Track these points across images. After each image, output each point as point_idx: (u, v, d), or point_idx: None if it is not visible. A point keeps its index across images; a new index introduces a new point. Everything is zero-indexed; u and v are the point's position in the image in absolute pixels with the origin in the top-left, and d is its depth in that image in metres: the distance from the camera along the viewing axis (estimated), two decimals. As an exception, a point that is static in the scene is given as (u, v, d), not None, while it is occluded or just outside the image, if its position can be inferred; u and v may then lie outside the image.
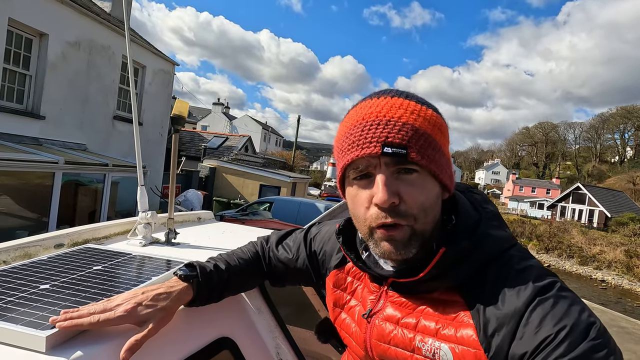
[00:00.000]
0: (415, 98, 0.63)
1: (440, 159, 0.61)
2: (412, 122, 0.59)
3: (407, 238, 0.59)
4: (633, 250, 19.63)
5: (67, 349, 0.59)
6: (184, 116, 1.24)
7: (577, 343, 0.49)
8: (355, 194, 0.63)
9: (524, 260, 0.60)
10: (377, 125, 0.59)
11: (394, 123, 0.59)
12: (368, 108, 0.62)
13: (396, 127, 0.58)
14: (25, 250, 0.97)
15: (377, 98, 0.63)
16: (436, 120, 0.62)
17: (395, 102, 0.61)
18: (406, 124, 0.59)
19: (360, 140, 0.59)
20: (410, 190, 0.59)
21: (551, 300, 0.54)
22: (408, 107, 0.60)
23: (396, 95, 0.62)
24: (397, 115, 0.59)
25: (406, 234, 0.59)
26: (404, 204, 0.58)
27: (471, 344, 0.56)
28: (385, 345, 0.65)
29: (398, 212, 0.58)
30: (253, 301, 0.94)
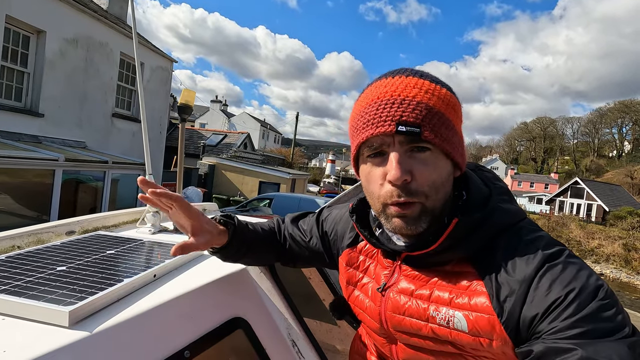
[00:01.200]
0: (429, 77, 0.64)
1: (452, 138, 0.62)
2: (427, 101, 0.60)
3: (418, 214, 0.61)
4: (631, 243, 19.75)
5: (89, 323, 0.60)
6: (191, 105, 1.25)
7: (586, 303, 0.51)
8: (369, 171, 0.64)
9: (534, 232, 0.62)
10: (391, 104, 0.60)
11: (408, 102, 0.59)
12: (383, 87, 0.62)
13: (410, 105, 0.59)
14: (38, 236, 0.99)
15: (392, 77, 0.63)
16: (450, 99, 0.63)
17: (410, 81, 0.62)
18: (420, 103, 0.59)
19: (375, 118, 0.61)
20: (423, 169, 0.60)
21: (560, 266, 0.55)
22: (422, 86, 0.61)
23: (411, 74, 0.63)
24: (411, 94, 0.60)
25: (416, 210, 0.61)
26: (416, 181, 0.60)
27: (484, 310, 0.58)
28: (400, 316, 0.67)
29: (409, 190, 0.60)
30: (264, 283, 0.96)
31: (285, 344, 0.90)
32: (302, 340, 0.95)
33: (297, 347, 0.91)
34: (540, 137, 73.14)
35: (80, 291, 0.66)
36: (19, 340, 0.55)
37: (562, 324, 0.51)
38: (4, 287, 0.65)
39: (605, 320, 0.50)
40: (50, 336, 0.56)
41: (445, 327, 0.61)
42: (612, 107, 66.92)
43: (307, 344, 0.96)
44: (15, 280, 0.69)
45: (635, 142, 64.83)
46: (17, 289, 0.65)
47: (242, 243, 0.83)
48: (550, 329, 0.51)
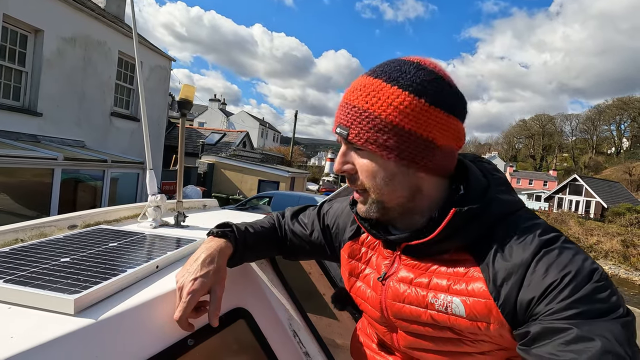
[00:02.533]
0: (385, 75, 0.63)
1: (388, 140, 0.62)
2: (362, 104, 0.64)
3: (367, 202, 0.69)
4: (629, 239, 19.83)
5: (94, 311, 0.61)
6: (191, 100, 1.26)
7: (582, 285, 0.53)
8: None
9: (531, 220, 0.63)
10: (340, 106, 0.69)
11: (347, 105, 0.66)
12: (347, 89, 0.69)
13: (347, 108, 0.66)
14: (40, 230, 0.99)
15: (361, 76, 0.69)
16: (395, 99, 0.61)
17: (361, 83, 0.66)
18: (355, 107, 0.65)
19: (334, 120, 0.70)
20: (360, 165, 0.67)
21: (556, 251, 0.57)
22: (368, 87, 0.64)
23: (372, 74, 0.67)
24: (352, 97, 0.66)
25: (366, 198, 0.69)
26: (358, 175, 0.68)
27: (481, 294, 0.59)
28: (400, 304, 0.69)
29: (354, 180, 0.69)
30: (266, 274, 0.97)
31: (286, 334, 0.91)
32: (303, 331, 0.96)
33: (299, 338, 0.93)
34: (538, 134, 73.25)
35: (85, 281, 0.67)
36: (26, 327, 0.56)
37: (558, 306, 0.52)
38: (9, 277, 0.66)
39: (600, 302, 0.51)
40: (56, 323, 0.57)
41: (444, 313, 0.63)
42: (611, 104, 67.04)
43: (309, 334, 0.97)
44: (20, 270, 0.70)
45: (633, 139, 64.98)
46: (23, 278, 0.66)
47: (245, 247, 0.85)
48: (547, 310, 0.53)
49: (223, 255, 0.77)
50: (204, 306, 0.72)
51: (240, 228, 0.87)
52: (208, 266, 0.73)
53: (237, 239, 0.83)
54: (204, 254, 0.75)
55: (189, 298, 0.68)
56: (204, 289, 0.71)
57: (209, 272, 0.72)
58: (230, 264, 0.82)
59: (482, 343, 0.63)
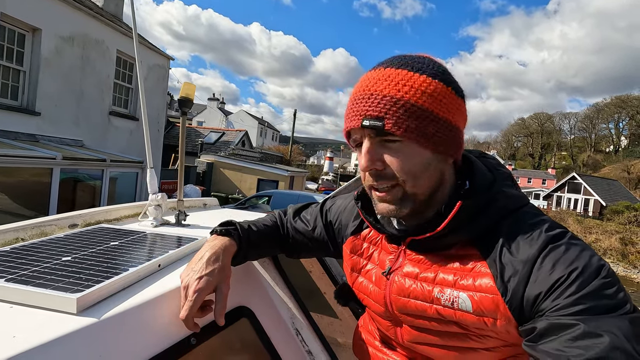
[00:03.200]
0: (409, 66, 0.64)
1: (426, 127, 0.62)
2: (394, 93, 0.62)
3: (400, 198, 0.64)
4: (628, 237, 19.90)
5: (97, 310, 0.61)
6: (191, 98, 1.25)
7: (589, 281, 0.52)
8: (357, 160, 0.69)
9: (537, 216, 0.63)
10: (360, 99, 0.64)
11: (375, 96, 0.62)
12: (361, 82, 0.66)
13: (376, 100, 0.62)
14: (41, 229, 0.99)
15: (374, 69, 0.66)
16: (428, 87, 0.62)
17: (384, 74, 0.64)
18: (386, 96, 0.62)
19: (349, 114, 0.66)
20: (394, 158, 0.63)
21: (563, 247, 0.57)
22: (395, 77, 0.63)
23: (390, 65, 0.65)
24: (379, 88, 0.63)
25: (398, 194, 0.64)
26: (390, 168, 0.63)
27: (489, 290, 0.59)
28: (405, 299, 0.68)
29: (383, 176, 0.64)
30: (268, 273, 0.97)
31: (289, 333, 0.91)
32: (305, 329, 0.95)
33: (301, 336, 0.92)
34: (537, 132, 73.35)
35: (87, 279, 0.67)
36: (29, 326, 0.55)
37: (565, 301, 0.52)
38: (10, 276, 0.66)
39: (607, 298, 0.51)
40: (58, 322, 0.56)
41: (450, 308, 0.63)
42: (609, 102, 67.13)
43: (311, 333, 0.97)
44: (21, 269, 0.69)
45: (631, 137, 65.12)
46: (24, 277, 0.66)
47: (249, 246, 0.84)
48: (554, 306, 0.52)
49: (227, 253, 0.77)
50: (209, 305, 0.71)
51: (244, 226, 0.86)
52: (213, 264, 0.72)
53: (241, 237, 0.82)
54: (208, 252, 0.74)
55: (195, 297, 0.68)
56: (209, 287, 0.70)
57: (214, 270, 0.72)
58: (234, 262, 0.82)
59: (487, 339, 0.63)
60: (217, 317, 0.71)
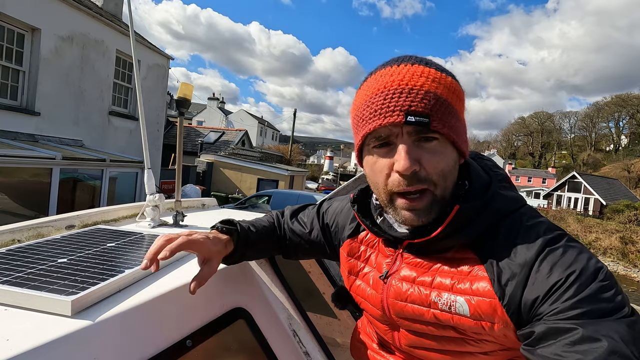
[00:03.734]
0: (434, 65, 0.64)
1: (458, 126, 0.63)
2: (434, 90, 0.60)
3: (429, 205, 0.61)
4: (628, 236, 19.90)
5: (92, 312, 0.61)
6: (189, 98, 1.25)
7: (587, 285, 0.52)
8: (375, 161, 0.64)
9: (534, 218, 0.63)
10: (399, 93, 0.59)
11: (416, 91, 0.59)
12: (389, 76, 0.61)
13: (419, 95, 0.59)
14: (38, 230, 0.99)
15: (397, 65, 0.63)
16: (455, 87, 0.63)
17: (417, 70, 0.61)
18: (429, 92, 0.59)
19: (382, 108, 0.60)
20: (431, 158, 0.60)
21: (561, 250, 0.56)
22: (429, 74, 0.61)
23: (416, 62, 0.63)
24: (419, 83, 0.59)
25: (428, 201, 0.61)
26: (424, 170, 0.60)
27: (486, 294, 0.59)
28: (402, 303, 0.68)
29: (419, 178, 0.60)
30: (265, 275, 0.97)
31: (286, 334, 0.90)
32: (302, 330, 0.95)
33: (298, 337, 0.92)
34: (537, 131, 73.31)
35: (82, 282, 0.67)
36: (23, 329, 0.55)
37: (563, 305, 0.51)
38: (5, 279, 0.66)
39: (605, 301, 0.51)
40: (53, 325, 0.56)
41: (447, 312, 0.62)
42: (609, 101, 67.07)
43: (308, 334, 0.96)
44: (16, 272, 0.69)
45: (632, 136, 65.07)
46: (19, 280, 0.66)
47: (246, 246, 0.84)
48: (552, 310, 0.52)
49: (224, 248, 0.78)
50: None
51: (243, 225, 0.86)
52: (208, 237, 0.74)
53: (240, 235, 0.82)
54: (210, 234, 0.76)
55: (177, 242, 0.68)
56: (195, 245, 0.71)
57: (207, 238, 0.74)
58: (231, 261, 0.82)
59: (485, 343, 0.63)
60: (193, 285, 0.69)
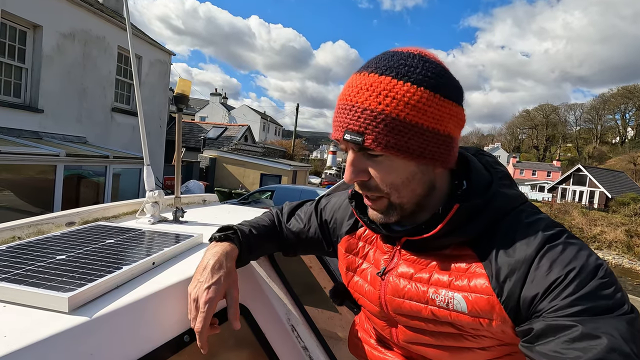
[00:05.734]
0: (394, 71, 0.59)
1: (408, 141, 0.58)
2: (374, 106, 0.58)
3: (385, 208, 0.65)
4: (634, 229, 19.77)
5: (89, 308, 0.61)
6: (187, 95, 1.25)
7: (586, 282, 0.51)
8: None
9: (534, 215, 0.62)
10: (343, 110, 0.62)
11: (355, 109, 0.60)
12: (345, 88, 0.64)
13: (357, 113, 0.60)
14: (38, 227, 1.00)
15: (359, 74, 0.63)
16: (411, 97, 0.58)
17: (367, 81, 0.60)
18: (366, 110, 0.59)
19: (334, 123, 0.64)
20: (377, 171, 0.62)
21: (560, 247, 0.56)
22: (378, 86, 0.59)
23: (375, 70, 0.61)
24: (361, 99, 0.60)
25: (383, 205, 0.65)
26: (373, 180, 0.63)
27: (484, 291, 0.58)
28: (400, 300, 0.68)
29: (369, 187, 0.64)
30: (263, 271, 0.97)
31: (284, 329, 0.91)
32: (301, 325, 0.96)
33: (297, 332, 0.92)
34: (542, 124, 72.71)
35: (80, 278, 0.67)
36: (20, 325, 0.55)
37: (563, 302, 0.51)
38: (4, 276, 0.66)
39: (604, 298, 0.50)
40: (50, 322, 0.57)
41: (445, 308, 0.62)
42: (615, 92, 66.24)
43: (307, 329, 0.97)
44: (15, 269, 0.70)
45: (638, 128, 64.34)
46: (18, 277, 0.66)
47: (249, 248, 0.84)
48: (551, 307, 0.52)
49: (230, 258, 0.76)
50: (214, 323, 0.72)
51: (243, 230, 0.85)
52: (218, 272, 0.72)
53: (241, 241, 0.82)
54: (211, 260, 0.74)
55: (207, 307, 0.68)
56: (219, 295, 0.70)
57: (221, 277, 0.71)
58: (237, 265, 0.81)
59: (483, 338, 0.63)
60: (233, 321, 0.71)
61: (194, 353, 0.73)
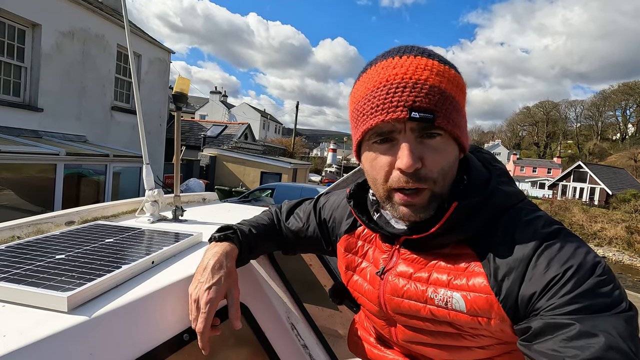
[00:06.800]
0: (437, 57, 0.61)
1: (461, 121, 0.61)
2: (439, 84, 0.57)
3: (427, 202, 0.60)
4: (634, 226, 19.76)
5: (88, 308, 0.61)
6: (186, 93, 1.24)
7: (584, 280, 0.51)
8: (375, 157, 0.62)
9: (532, 213, 0.62)
10: (403, 87, 0.56)
11: (420, 86, 0.56)
12: (392, 68, 0.59)
13: (423, 90, 0.56)
14: (37, 226, 1.00)
15: (400, 57, 0.60)
16: (459, 81, 0.61)
17: (420, 62, 0.59)
18: (433, 87, 0.57)
19: (385, 103, 0.57)
20: (433, 155, 0.59)
21: (558, 245, 0.55)
22: (433, 67, 0.59)
23: (419, 53, 0.60)
24: (423, 76, 0.57)
25: (425, 198, 0.60)
26: (425, 168, 0.58)
27: (482, 290, 0.58)
28: (399, 299, 0.68)
29: (419, 177, 0.58)
30: (263, 269, 0.97)
31: (284, 327, 0.91)
32: (301, 323, 0.96)
33: (296, 330, 0.93)
34: (543, 121, 72.59)
35: (79, 278, 0.67)
36: (19, 325, 0.55)
37: (560, 301, 0.51)
38: (3, 275, 0.66)
39: (602, 296, 0.50)
40: (49, 321, 0.57)
41: (444, 308, 0.62)
42: (616, 89, 66.07)
43: (306, 327, 0.97)
44: (14, 268, 0.70)
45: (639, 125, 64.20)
46: (17, 276, 0.66)
47: (249, 247, 0.83)
48: (549, 305, 0.52)
49: (230, 257, 0.76)
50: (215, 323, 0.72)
51: (243, 229, 0.85)
52: (218, 272, 0.72)
53: (241, 241, 0.81)
54: (211, 260, 0.73)
55: (208, 307, 0.67)
56: (220, 295, 0.70)
57: (221, 277, 0.71)
58: (237, 265, 0.80)
59: (482, 337, 0.63)
60: (234, 321, 0.71)
61: (194, 352, 0.73)
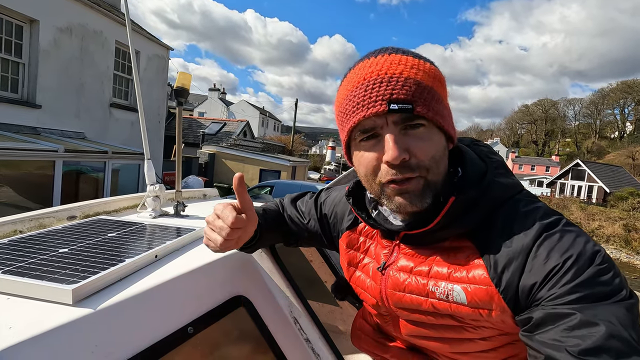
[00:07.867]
0: (412, 53, 0.63)
1: (443, 111, 0.62)
2: (414, 76, 0.59)
3: (421, 189, 0.60)
4: (631, 224, 19.84)
5: (93, 301, 0.61)
6: (187, 88, 1.24)
7: (584, 269, 0.52)
8: (362, 155, 0.63)
9: (531, 203, 0.62)
10: (379, 83, 0.58)
11: (396, 79, 0.58)
12: (368, 67, 0.61)
13: (399, 82, 0.58)
14: (39, 221, 0.99)
15: (375, 57, 0.62)
16: (435, 72, 0.63)
17: (394, 59, 0.61)
18: (409, 79, 0.58)
19: (364, 100, 0.59)
20: (420, 145, 0.59)
21: (558, 235, 0.56)
22: (407, 62, 0.61)
23: (393, 52, 0.62)
24: (398, 70, 0.59)
25: (419, 185, 0.60)
26: (415, 158, 0.59)
27: (482, 281, 0.59)
28: (400, 293, 0.68)
29: (409, 167, 0.59)
30: (265, 263, 0.97)
31: (287, 321, 0.91)
32: (303, 317, 0.96)
33: (299, 324, 0.93)
34: (541, 119, 72.72)
35: (83, 271, 0.67)
36: (24, 317, 0.56)
37: (561, 290, 0.51)
38: (7, 268, 0.66)
39: (603, 285, 0.51)
40: (54, 313, 0.57)
41: (445, 301, 0.62)
42: (615, 87, 66.21)
43: (309, 321, 0.97)
44: (18, 262, 0.70)
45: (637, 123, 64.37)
46: (21, 269, 0.66)
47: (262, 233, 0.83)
48: (549, 295, 0.52)
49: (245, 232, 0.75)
50: None
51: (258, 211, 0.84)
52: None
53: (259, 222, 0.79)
54: None
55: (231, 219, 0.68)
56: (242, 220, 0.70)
57: None
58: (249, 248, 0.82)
59: (483, 329, 0.63)
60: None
61: (198, 345, 0.73)
